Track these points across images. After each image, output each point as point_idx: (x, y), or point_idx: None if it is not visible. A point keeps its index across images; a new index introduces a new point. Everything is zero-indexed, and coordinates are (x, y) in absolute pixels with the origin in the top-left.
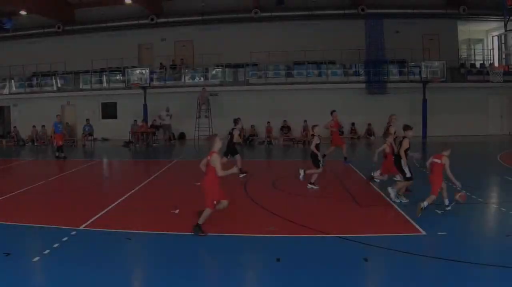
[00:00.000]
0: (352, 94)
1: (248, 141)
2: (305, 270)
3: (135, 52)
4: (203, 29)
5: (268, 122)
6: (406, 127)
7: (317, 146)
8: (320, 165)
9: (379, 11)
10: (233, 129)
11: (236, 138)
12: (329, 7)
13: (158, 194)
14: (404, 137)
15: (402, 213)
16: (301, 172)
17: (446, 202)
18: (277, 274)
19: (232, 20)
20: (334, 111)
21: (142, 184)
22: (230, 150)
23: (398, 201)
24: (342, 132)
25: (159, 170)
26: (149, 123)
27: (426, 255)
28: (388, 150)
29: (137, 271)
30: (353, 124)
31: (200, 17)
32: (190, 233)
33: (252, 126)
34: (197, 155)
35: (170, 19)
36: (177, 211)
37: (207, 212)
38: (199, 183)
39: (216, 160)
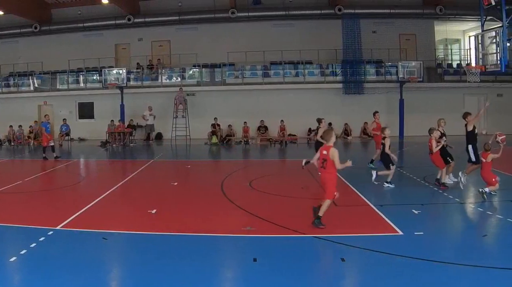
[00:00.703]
0: (329, 94)
1: (225, 142)
2: (282, 270)
3: (112, 52)
4: (180, 29)
5: (245, 122)
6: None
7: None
8: (390, 165)
9: (356, 11)
10: (317, 128)
11: (318, 137)
12: (306, 7)
13: (135, 194)
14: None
15: (379, 212)
16: (374, 173)
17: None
18: (254, 274)
19: (209, 20)
20: (376, 112)
21: (119, 184)
22: (317, 148)
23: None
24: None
25: (136, 170)
26: (126, 123)
27: (403, 255)
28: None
29: (113, 271)
30: (330, 124)
31: (177, 17)
32: (167, 233)
33: (229, 126)
34: (174, 155)
35: (147, 19)
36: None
37: (327, 203)
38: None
39: (335, 154)
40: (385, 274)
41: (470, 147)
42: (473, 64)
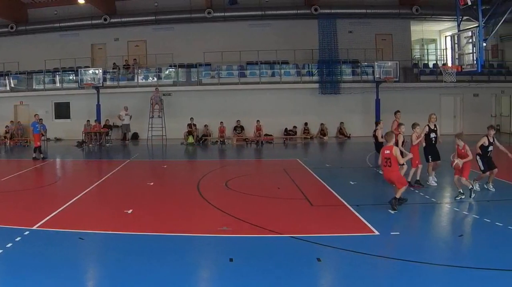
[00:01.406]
0: (305, 94)
1: (201, 142)
2: (258, 270)
3: (88, 52)
4: (156, 29)
5: (221, 122)
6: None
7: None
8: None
9: (332, 11)
10: (375, 130)
11: (379, 138)
12: (282, 7)
13: (111, 194)
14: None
15: (356, 213)
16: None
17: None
18: (230, 274)
19: (185, 20)
20: (398, 111)
21: (95, 184)
22: (377, 149)
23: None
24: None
25: (112, 170)
26: (102, 123)
27: (379, 255)
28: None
29: (90, 271)
30: (306, 124)
31: (153, 17)
32: (143, 233)
33: (205, 126)
34: (150, 155)
35: (123, 19)
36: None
37: (402, 189)
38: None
39: (397, 152)
40: (361, 274)
41: (477, 157)
42: (449, 64)
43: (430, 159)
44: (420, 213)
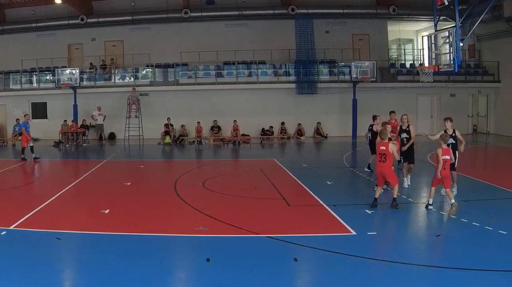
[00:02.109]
0: (282, 94)
1: (178, 142)
2: (235, 270)
3: (65, 52)
4: (133, 29)
5: (198, 122)
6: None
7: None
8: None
9: (309, 11)
10: (371, 125)
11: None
12: (259, 7)
13: (88, 194)
14: None
15: (332, 213)
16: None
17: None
18: (207, 274)
19: (162, 20)
20: (392, 112)
21: (72, 184)
22: (372, 146)
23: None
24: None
25: (89, 170)
26: (79, 123)
27: (356, 255)
28: None
29: (67, 271)
30: (282, 124)
31: (130, 17)
32: (120, 233)
33: (182, 126)
34: (127, 155)
35: (100, 19)
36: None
37: (397, 187)
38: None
39: (394, 148)
40: (338, 274)
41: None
42: (426, 64)
43: (401, 160)
44: (397, 213)
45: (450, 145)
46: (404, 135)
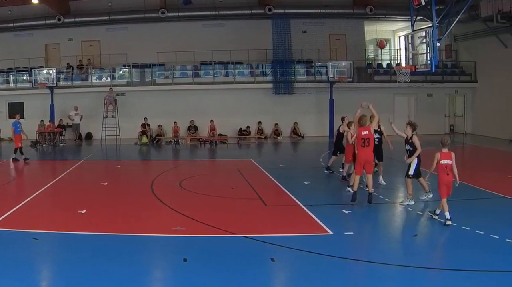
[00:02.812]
0: (259, 94)
1: (155, 142)
2: (212, 270)
3: (42, 52)
4: (110, 29)
5: (175, 122)
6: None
7: None
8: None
9: (286, 11)
10: (340, 126)
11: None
12: (236, 7)
13: (65, 194)
14: None
15: (309, 213)
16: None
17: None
18: (183, 274)
19: (139, 20)
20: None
21: (49, 184)
22: (337, 147)
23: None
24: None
25: (66, 170)
26: (56, 123)
27: (333, 255)
28: None
29: (43, 271)
30: (259, 123)
31: (107, 17)
32: (97, 233)
33: (159, 126)
34: (104, 155)
35: (77, 19)
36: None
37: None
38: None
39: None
40: (315, 274)
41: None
42: (403, 64)
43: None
44: (374, 213)
45: (408, 151)
46: (375, 135)
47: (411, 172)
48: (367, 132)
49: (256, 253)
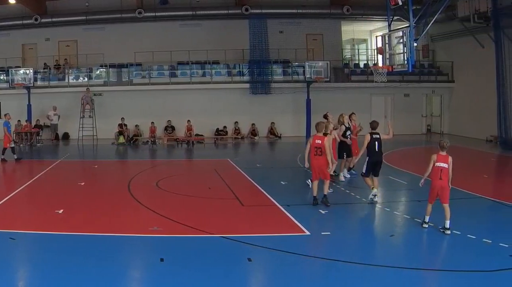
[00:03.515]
0: (236, 94)
1: (132, 142)
2: (189, 270)
3: (19, 52)
4: (87, 29)
5: (152, 122)
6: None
7: None
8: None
9: (263, 11)
10: (326, 124)
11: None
12: (213, 7)
13: (42, 194)
14: None
15: (286, 213)
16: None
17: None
18: (160, 274)
19: (116, 20)
20: (353, 113)
21: (26, 184)
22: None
23: None
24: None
25: (43, 170)
26: (33, 123)
27: (310, 255)
28: None
29: (21, 271)
30: (236, 123)
31: (84, 17)
32: (74, 233)
33: (136, 126)
34: (81, 155)
35: (54, 19)
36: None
37: (328, 183)
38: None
39: (329, 143)
40: (292, 274)
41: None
42: (380, 64)
43: (344, 155)
44: (351, 213)
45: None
46: (348, 133)
47: (363, 170)
48: (320, 141)
49: (233, 253)
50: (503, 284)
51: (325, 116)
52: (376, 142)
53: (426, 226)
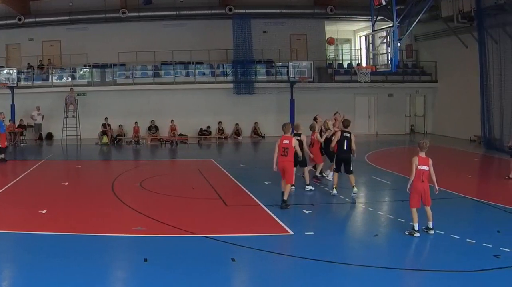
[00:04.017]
0: (219, 94)
1: (115, 142)
2: (173, 270)
3: (2, 52)
4: (71, 29)
5: (136, 122)
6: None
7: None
8: None
9: (246, 11)
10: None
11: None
12: (197, 7)
13: (25, 194)
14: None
15: (270, 213)
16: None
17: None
18: (144, 274)
19: (99, 20)
20: (337, 112)
21: (10, 184)
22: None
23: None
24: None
25: (27, 170)
26: (17, 123)
27: (293, 255)
28: None
29: (4, 271)
30: (220, 123)
31: (67, 17)
32: (57, 233)
33: (120, 126)
34: (65, 155)
35: (38, 19)
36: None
37: (289, 187)
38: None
39: (297, 144)
40: (276, 274)
41: None
42: (364, 64)
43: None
44: (335, 213)
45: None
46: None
47: (334, 166)
48: (288, 141)
49: (216, 253)
50: (486, 284)
51: (315, 119)
52: (346, 141)
53: (418, 235)
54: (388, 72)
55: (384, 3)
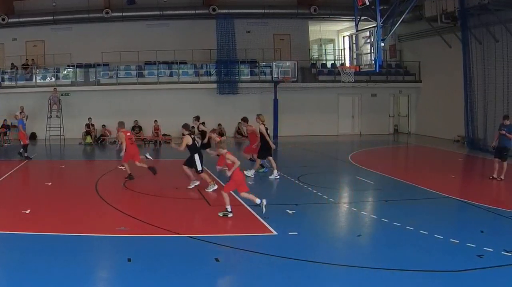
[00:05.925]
0: (203, 94)
1: (99, 142)
2: (156, 270)
3: None
4: (54, 29)
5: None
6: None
7: None
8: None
9: (230, 11)
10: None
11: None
12: (180, 7)
13: (9, 194)
14: None
15: (253, 213)
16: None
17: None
18: (128, 274)
19: (83, 20)
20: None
21: None
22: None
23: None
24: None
25: (10, 170)
26: (0, 123)
27: (277, 255)
28: None
29: None
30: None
31: (51, 17)
32: (41, 233)
33: (103, 126)
34: (48, 155)
35: (22, 19)
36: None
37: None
38: None
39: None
40: (259, 274)
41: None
42: (347, 64)
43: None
44: (319, 213)
45: None
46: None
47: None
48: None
49: (200, 253)
50: (470, 284)
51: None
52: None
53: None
54: (372, 72)
55: (367, 3)
